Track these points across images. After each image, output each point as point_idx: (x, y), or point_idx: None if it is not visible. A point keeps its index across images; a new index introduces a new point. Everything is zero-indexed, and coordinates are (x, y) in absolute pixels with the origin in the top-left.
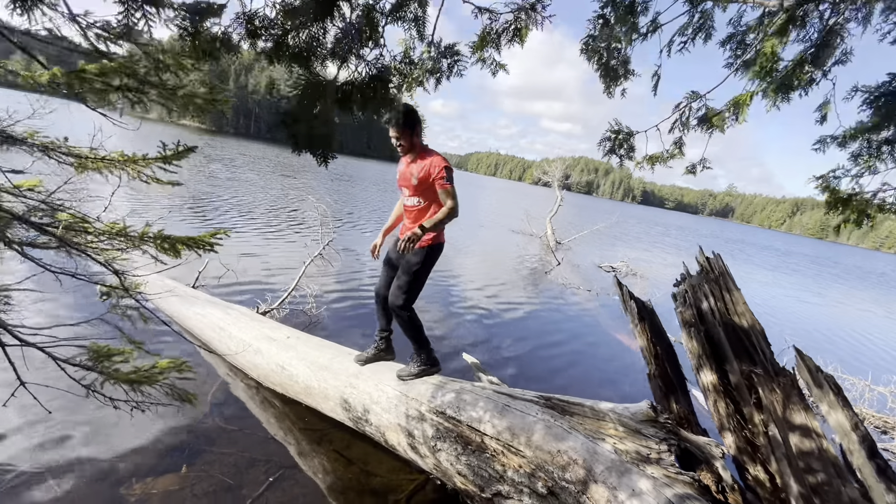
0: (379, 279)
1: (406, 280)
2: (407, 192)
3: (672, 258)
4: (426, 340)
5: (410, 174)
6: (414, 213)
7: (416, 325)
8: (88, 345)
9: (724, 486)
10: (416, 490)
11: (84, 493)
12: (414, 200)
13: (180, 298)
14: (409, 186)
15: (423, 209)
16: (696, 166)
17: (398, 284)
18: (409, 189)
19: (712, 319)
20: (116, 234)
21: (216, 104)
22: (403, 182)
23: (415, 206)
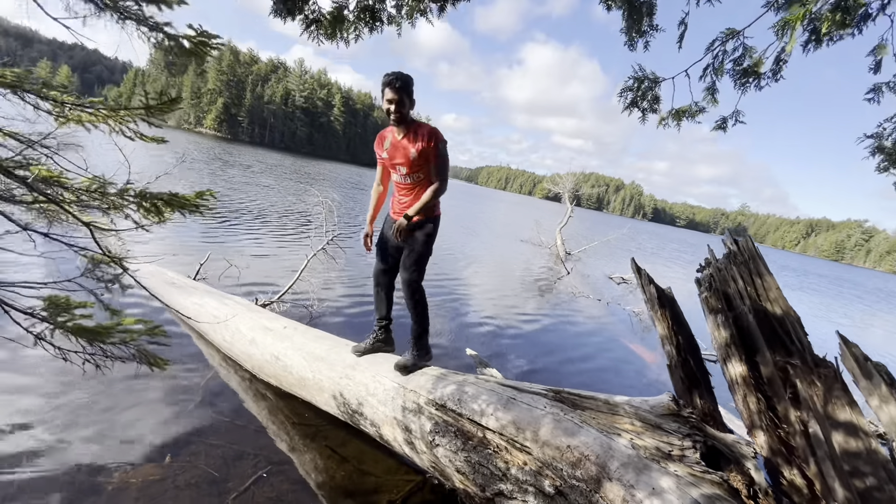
0: (376, 263)
1: (416, 257)
2: (403, 168)
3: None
4: (428, 324)
5: (406, 148)
6: (413, 189)
7: (425, 301)
8: (45, 296)
9: (756, 489)
10: (413, 491)
11: (59, 480)
12: (413, 177)
13: (179, 289)
14: (405, 162)
15: (422, 185)
16: (726, 120)
17: (411, 262)
18: (405, 165)
19: (741, 306)
20: (95, 191)
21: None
22: (398, 157)
23: (413, 182)
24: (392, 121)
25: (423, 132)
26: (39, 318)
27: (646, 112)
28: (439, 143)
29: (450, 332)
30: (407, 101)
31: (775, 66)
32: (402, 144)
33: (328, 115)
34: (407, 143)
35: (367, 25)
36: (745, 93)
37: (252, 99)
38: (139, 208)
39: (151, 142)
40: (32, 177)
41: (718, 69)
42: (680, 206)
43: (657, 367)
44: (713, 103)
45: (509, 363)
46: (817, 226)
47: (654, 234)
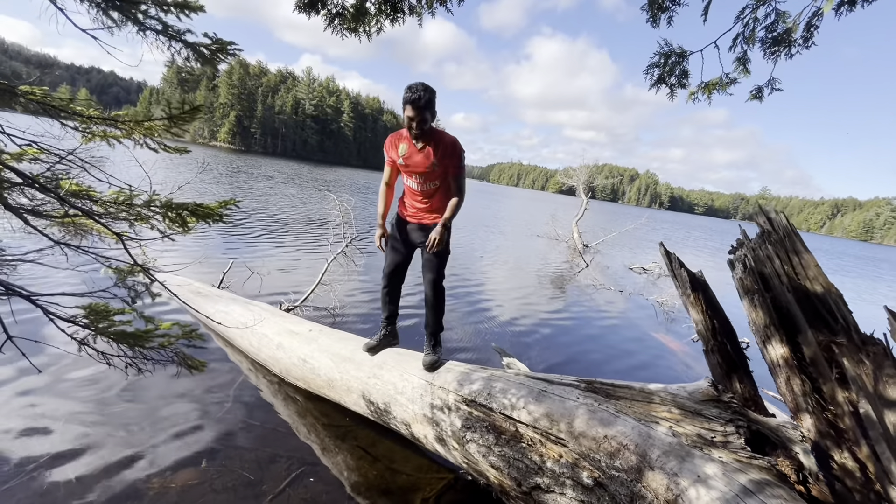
0: (388, 263)
1: (440, 262)
2: (419, 176)
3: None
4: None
5: (427, 157)
6: (427, 196)
7: (444, 299)
8: (85, 305)
9: (805, 474)
10: (446, 489)
11: (102, 485)
12: (428, 185)
13: (204, 298)
14: (424, 171)
15: (440, 190)
16: (762, 89)
17: (438, 265)
18: (423, 174)
19: (779, 285)
20: (122, 202)
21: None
22: (416, 166)
23: (427, 190)
24: (413, 135)
25: (445, 143)
26: (81, 325)
27: (674, 88)
28: (461, 156)
29: (473, 328)
30: (429, 116)
31: (806, 31)
32: (422, 153)
33: (338, 122)
34: (428, 152)
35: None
36: (777, 62)
37: (263, 110)
38: (164, 218)
39: (175, 152)
40: (63, 191)
41: (749, 38)
42: (697, 192)
43: (685, 356)
44: (745, 74)
45: (534, 358)
46: (843, 206)
47: (674, 223)
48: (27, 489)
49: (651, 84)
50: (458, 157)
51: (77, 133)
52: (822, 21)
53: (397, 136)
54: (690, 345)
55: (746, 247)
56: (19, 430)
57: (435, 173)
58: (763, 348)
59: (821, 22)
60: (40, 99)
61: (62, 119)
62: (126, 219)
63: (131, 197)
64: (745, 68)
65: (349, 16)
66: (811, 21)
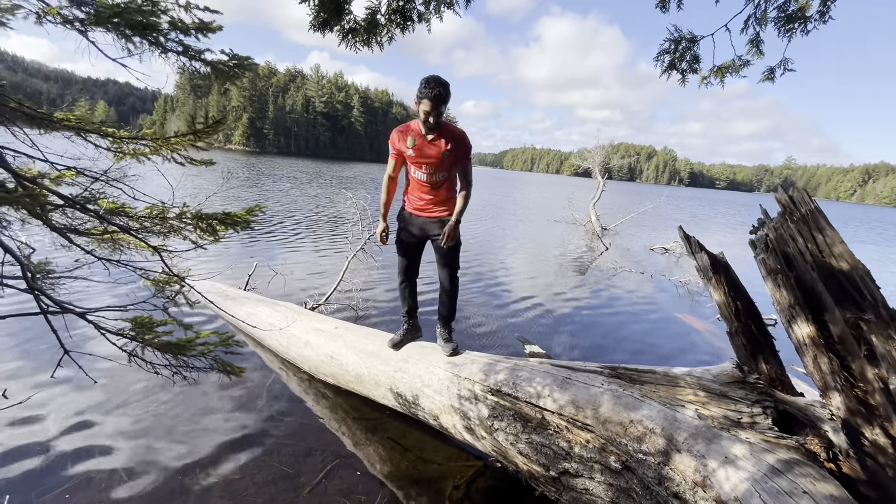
0: (401, 258)
1: (453, 256)
2: (429, 167)
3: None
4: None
5: (438, 148)
6: (435, 187)
7: (457, 291)
8: (131, 317)
9: (835, 452)
10: (476, 476)
11: (151, 483)
12: (437, 175)
13: (232, 301)
14: (434, 162)
15: (446, 182)
16: (774, 70)
17: (452, 259)
18: (433, 165)
19: (803, 263)
20: (157, 217)
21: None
22: (427, 157)
23: (436, 181)
24: (426, 128)
25: (455, 136)
26: (129, 337)
27: (685, 73)
28: (470, 148)
29: (495, 317)
30: (444, 110)
31: (822, 6)
32: (432, 145)
33: (349, 117)
34: (438, 143)
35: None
36: (792, 40)
37: (274, 110)
38: (196, 229)
39: (201, 164)
40: (102, 209)
41: (761, 19)
42: (718, 167)
43: (711, 336)
44: (758, 55)
45: (557, 344)
46: (875, 171)
47: (695, 199)
48: (80, 488)
49: (662, 70)
50: (467, 149)
51: (109, 153)
52: None
53: (405, 128)
54: (716, 324)
55: (768, 226)
56: (72, 431)
57: (445, 164)
58: (788, 328)
59: None
60: (74, 124)
61: (94, 140)
62: (160, 232)
63: (164, 211)
64: (758, 50)
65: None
66: None
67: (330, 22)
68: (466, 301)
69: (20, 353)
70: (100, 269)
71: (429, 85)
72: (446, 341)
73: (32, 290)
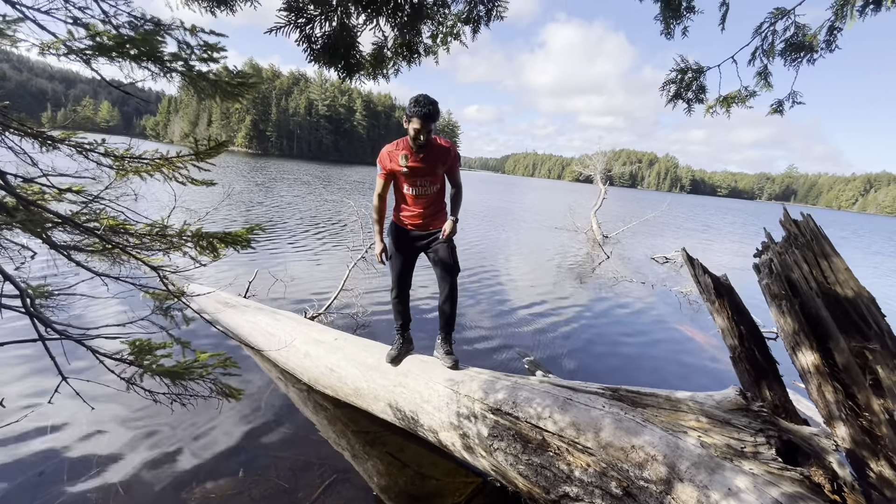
0: (395, 273)
1: (453, 259)
2: (425, 182)
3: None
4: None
5: (434, 164)
6: (429, 199)
7: (457, 297)
8: (129, 341)
9: (840, 484)
10: (475, 494)
11: (147, 496)
12: (432, 188)
13: (233, 308)
14: (429, 177)
15: (439, 193)
16: (783, 103)
17: (451, 266)
18: (428, 179)
19: (808, 290)
20: (157, 234)
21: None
22: (422, 173)
23: (431, 194)
24: (416, 146)
25: (444, 149)
26: (128, 362)
27: (691, 103)
28: (458, 158)
29: (494, 327)
30: (433, 127)
31: (829, 36)
32: (424, 160)
33: (351, 121)
34: (433, 159)
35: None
36: (798, 69)
37: (278, 113)
38: (196, 247)
39: (202, 185)
40: (102, 228)
41: (769, 51)
42: (720, 174)
43: (712, 349)
44: (767, 87)
45: (557, 356)
46: (876, 181)
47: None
48: (78, 499)
49: (668, 100)
50: (456, 158)
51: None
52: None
53: (393, 147)
54: (717, 336)
55: (772, 250)
56: (68, 444)
57: (437, 177)
58: (793, 355)
59: (843, 25)
60: (75, 145)
61: (96, 159)
62: (160, 249)
63: (164, 228)
64: (766, 82)
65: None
66: (834, 24)
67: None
68: (466, 308)
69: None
70: (98, 283)
71: (418, 104)
72: (447, 353)
73: (30, 315)
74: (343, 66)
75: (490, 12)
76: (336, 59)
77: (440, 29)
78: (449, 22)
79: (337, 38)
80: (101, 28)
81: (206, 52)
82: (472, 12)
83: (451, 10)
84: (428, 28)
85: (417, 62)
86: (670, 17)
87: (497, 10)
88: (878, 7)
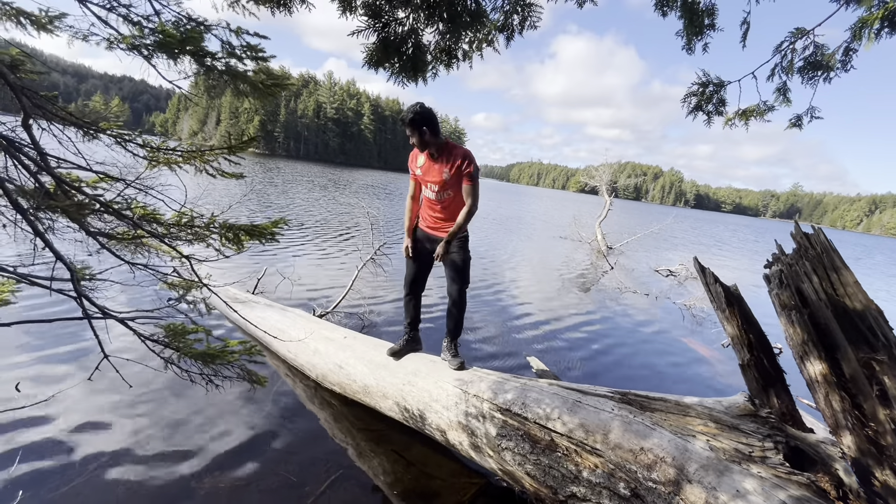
0: (408, 272)
1: (461, 271)
2: (434, 186)
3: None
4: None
5: (440, 169)
6: (444, 205)
7: (465, 306)
8: (164, 325)
9: (845, 490)
10: (479, 494)
11: (156, 482)
12: (443, 194)
13: (242, 304)
14: (438, 181)
15: (453, 200)
16: (801, 118)
17: (459, 277)
18: (437, 183)
19: (817, 301)
20: (185, 224)
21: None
22: (431, 177)
23: (444, 200)
24: (421, 149)
25: (456, 155)
26: (164, 343)
27: (711, 115)
28: (472, 167)
29: (501, 334)
30: (426, 131)
31: (845, 56)
32: (435, 165)
33: (358, 125)
34: (441, 164)
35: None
36: (815, 87)
37: (286, 114)
38: (222, 238)
39: (231, 177)
40: (135, 216)
41: (788, 68)
42: (724, 190)
43: (715, 362)
44: (786, 103)
45: (563, 363)
46: (882, 202)
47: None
48: (90, 487)
49: (689, 111)
50: (468, 169)
51: (143, 160)
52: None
53: (417, 150)
54: (721, 350)
55: (783, 262)
56: (82, 432)
57: (449, 183)
58: (801, 364)
59: (860, 46)
60: (116, 135)
61: (133, 150)
62: (187, 239)
63: (192, 219)
64: (785, 98)
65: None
66: (850, 45)
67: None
68: (474, 314)
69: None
70: (123, 271)
71: (405, 111)
72: (453, 356)
73: (79, 296)
74: (398, 65)
75: (524, 21)
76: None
77: (477, 36)
78: (485, 29)
79: (405, 38)
80: (168, 27)
81: (249, 52)
82: (507, 20)
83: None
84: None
85: (456, 66)
86: (692, 34)
87: (531, 19)
88: (893, 30)
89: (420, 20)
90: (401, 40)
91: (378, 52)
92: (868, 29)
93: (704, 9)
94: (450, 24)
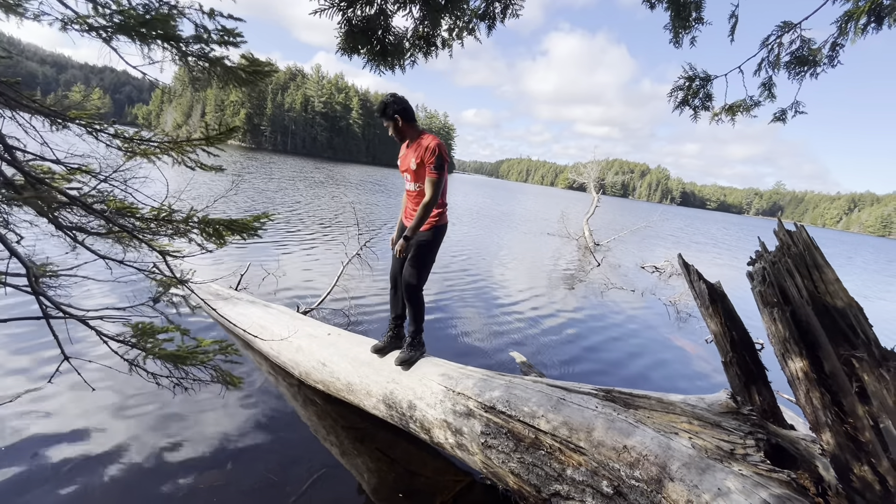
0: (393, 267)
1: (416, 261)
2: (408, 176)
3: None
4: (423, 323)
5: (409, 158)
6: (416, 196)
7: (421, 303)
8: (132, 323)
9: (824, 487)
10: (463, 492)
11: (132, 485)
12: (415, 185)
13: (224, 300)
14: (409, 171)
15: (422, 192)
16: (786, 112)
17: (411, 266)
18: (410, 174)
19: (799, 299)
20: (163, 219)
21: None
22: (404, 167)
23: (415, 191)
24: (398, 140)
25: (423, 145)
26: (130, 344)
27: (697, 110)
28: (434, 158)
29: (486, 329)
30: (398, 118)
31: (831, 51)
32: (407, 155)
33: (347, 119)
34: (411, 153)
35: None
36: (801, 82)
37: (273, 107)
38: (202, 233)
39: (210, 170)
40: (108, 210)
41: (774, 63)
42: (710, 188)
43: (699, 359)
44: (770, 98)
45: (549, 359)
46: (860, 200)
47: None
48: (64, 488)
49: (675, 106)
50: (431, 159)
51: (119, 152)
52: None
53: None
54: (704, 346)
55: (765, 259)
56: (60, 432)
57: (419, 174)
58: (782, 361)
59: (846, 41)
60: (87, 123)
61: (105, 140)
62: (165, 234)
63: (170, 213)
64: (770, 93)
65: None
66: (836, 41)
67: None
68: (460, 309)
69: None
70: (100, 266)
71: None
72: (401, 351)
73: (35, 294)
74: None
75: (506, 9)
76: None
77: (457, 23)
78: (465, 17)
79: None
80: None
81: (224, 37)
82: (488, 8)
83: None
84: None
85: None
86: (679, 27)
87: (513, 7)
88: (879, 25)
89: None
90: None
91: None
92: (854, 23)
93: (691, 1)
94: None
